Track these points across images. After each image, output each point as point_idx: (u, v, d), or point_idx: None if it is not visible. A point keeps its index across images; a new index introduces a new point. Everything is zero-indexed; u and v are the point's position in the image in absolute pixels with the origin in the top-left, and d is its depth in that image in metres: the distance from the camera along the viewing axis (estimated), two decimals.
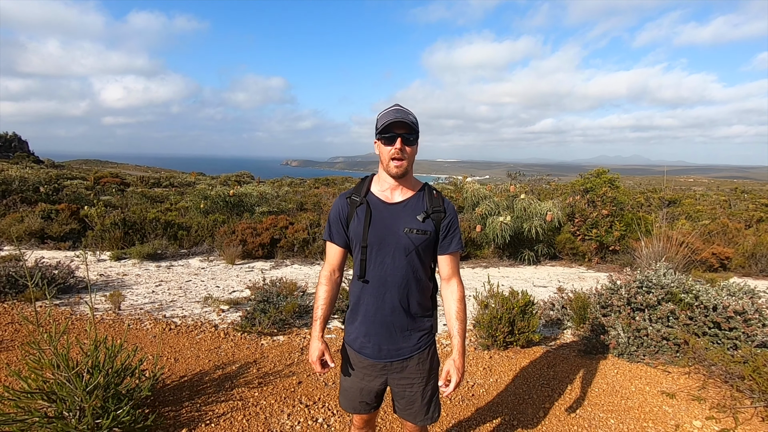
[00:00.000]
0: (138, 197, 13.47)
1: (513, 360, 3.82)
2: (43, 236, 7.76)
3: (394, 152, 1.61)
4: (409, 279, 1.68)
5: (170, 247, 7.65)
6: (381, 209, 1.69)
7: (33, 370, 2.34)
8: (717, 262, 7.95)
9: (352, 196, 1.73)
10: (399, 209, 1.69)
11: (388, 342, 1.73)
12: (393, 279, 1.67)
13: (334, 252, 1.78)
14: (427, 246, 1.69)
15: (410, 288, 1.70)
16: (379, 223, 1.67)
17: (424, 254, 1.70)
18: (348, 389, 1.85)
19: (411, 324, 1.74)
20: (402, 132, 1.60)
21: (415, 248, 1.66)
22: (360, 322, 1.76)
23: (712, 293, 3.93)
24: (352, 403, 1.85)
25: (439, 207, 1.70)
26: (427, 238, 1.67)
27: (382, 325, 1.72)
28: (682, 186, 38.77)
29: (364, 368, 1.79)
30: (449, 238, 1.72)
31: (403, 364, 1.76)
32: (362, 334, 1.76)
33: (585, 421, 2.93)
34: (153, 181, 22.55)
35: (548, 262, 8.51)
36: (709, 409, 3.06)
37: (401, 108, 1.65)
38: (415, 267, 1.68)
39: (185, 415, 2.76)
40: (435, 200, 1.71)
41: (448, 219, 1.71)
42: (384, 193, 1.72)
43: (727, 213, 14.33)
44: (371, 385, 1.80)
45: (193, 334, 4.09)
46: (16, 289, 4.69)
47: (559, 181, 16.51)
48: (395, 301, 1.69)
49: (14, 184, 11.35)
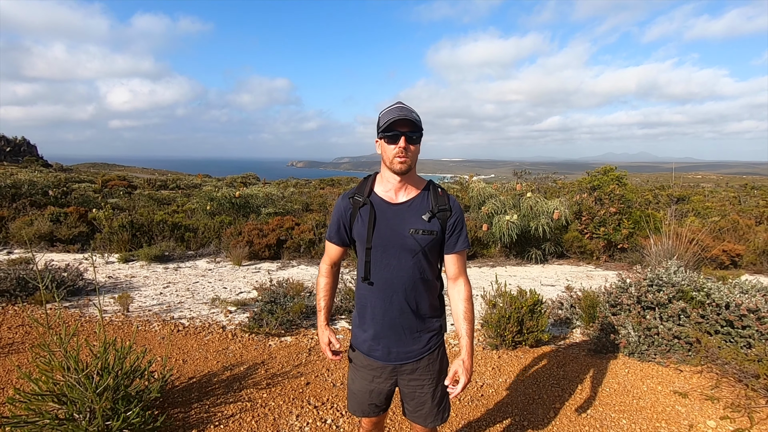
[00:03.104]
0: (145, 200, 13.56)
1: (522, 360, 3.79)
2: (53, 239, 7.83)
3: (398, 151, 1.56)
4: (416, 280, 1.66)
5: (177, 248, 7.69)
6: (385, 210, 1.66)
7: (43, 372, 2.35)
8: (728, 260, 7.85)
9: (355, 196, 1.70)
10: (404, 210, 1.65)
11: (398, 344, 1.71)
12: (400, 281, 1.65)
13: (334, 250, 1.82)
14: (433, 246, 1.66)
15: (418, 289, 1.67)
16: (384, 224, 1.64)
17: (431, 254, 1.67)
18: (357, 392, 1.82)
19: (420, 325, 1.72)
20: (405, 130, 1.56)
21: (421, 249, 1.63)
22: (368, 325, 1.73)
23: (724, 291, 3.87)
24: (361, 406, 1.83)
25: (445, 205, 1.66)
26: (433, 238, 1.64)
27: (391, 328, 1.69)
28: (691, 183, 38.36)
29: (374, 371, 1.76)
30: (455, 236, 1.69)
31: (414, 366, 1.74)
32: (371, 337, 1.74)
33: (596, 421, 2.90)
34: (160, 183, 22.70)
35: (556, 260, 8.44)
36: (723, 409, 3.01)
37: (404, 105, 1.61)
38: (422, 268, 1.66)
39: (194, 416, 2.76)
40: (440, 198, 1.67)
41: (454, 217, 1.67)
42: (388, 194, 1.68)
43: (737, 209, 14.14)
44: (381, 387, 1.78)
45: (201, 335, 4.10)
46: (27, 292, 4.73)
47: (565, 179, 16.40)
48: (403, 303, 1.66)
49: (24, 188, 11.47)
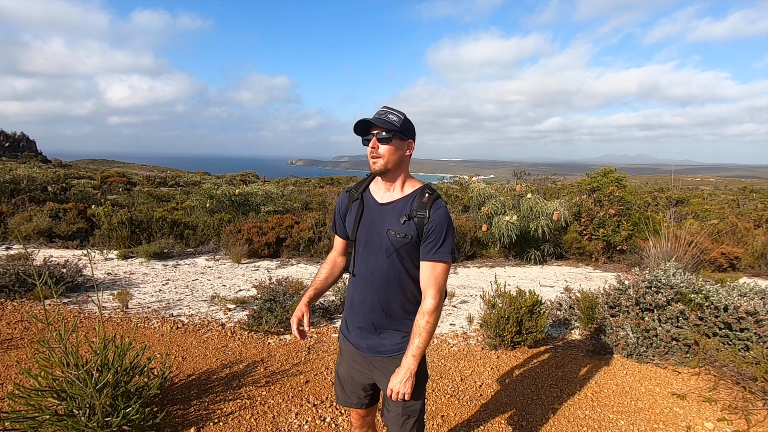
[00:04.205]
0: (144, 196, 13.53)
1: (521, 360, 3.80)
2: (52, 235, 7.82)
3: (370, 151, 1.66)
4: (390, 280, 1.68)
5: (177, 245, 7.68)
6: (372, 208, 1.73)
7: (43, 368, 2.35)
8: (726, 262, 7.87)
9: (352, 191, 1.81)
10: (387, 210, 1.70)
11: (367, 337, 1.76)
12: (375, 277, 1.70)
13: (338, 241, 1.92)
14: (409, 250, 1.65)
15: (392, 289, 1.69)
16: (368, 221, 1.71)
17: (407, 258, 1.67)
18: (341, 375, 1.91)
19: (390, 324, 1.73)
20: (375, 131, 1.63)
21: (395, 250, 1.65)
22: (347, 312, 1.85)
23: (723, 293, 3.88)
24: (344, 393, 1.91)
25: (423, 212, 1.63)
26: (407, 241, 1.64)
27: (363, 320, 1.76)
28: (690, 185, 38.43)
29: (351, 355, 1.84)
30: (429, 245, 1.63)
31: (385, 363, 1.74)
32: (347, 323, 1.85)
33: (594, 422, 2.91)
34: (159, 180, 22.66)
35: (555, 261, 8.46)
36: (720, 411, 3.02)
37: (384, 109, 1.66)
38: (398, 269, 1.67)
39: (194, 413, 2.76)
40: (422, 204, 1.65)
41: (431, 224, 1.62)
42: (378, 193, 1.75)
43: (735, 212, 14.18)
44: (359, 377, 1.84)
45: (201, 332, 4.10)
46: (25, 288, 4.72)
47: (565, 180, 16.42)
48: (375, 299, 1.71)
49: (23, 184, 11.45)
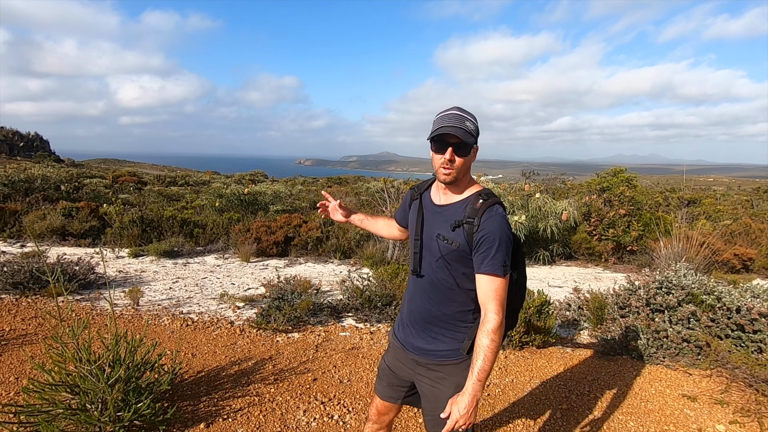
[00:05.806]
0: (155, 195, 13.69)
1: (529, 360, 3.78)
2: (65, 233, 7.94)
3: (443, 162, 1.53)
4: (437, 285, 1.63)
5: (186, 244, 7.76)
6: (429, 209, 1.70)
7: (56, 363, 2.39)
8: (739, 263, 7.74)
9: (414, 190, 1.81)
10: (441, 213, 1.64)
11: (413, 337, 1.74)
12: (425, 280, 1.67)
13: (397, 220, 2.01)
14: (457, 257, 1.57)
15: (440, 294, 1.63)
16: (425, 222, 1.70)
17: (455, 265, 1.59)
18: (384, 366, 1.90)
19: (436, 329, 1.67)
20: (453, 141, 1.51)
21: (442, 256, 1.59)
22: (401, 309, 1.85)
23: (735, 295, 3.83)
24: (381, 382, 1.90)
25: (473, 219, 1.52)
26: (455, 249, 1.55)
27: (411, 320, 1.75)
28: (702, 186, 37.88)
29: (396, 352, 1.84)
30: (480, 256, 1.51)
31: (430, 366, 1.69)
32: (399, 319, 1.85)
33: (604, 423, 2.88)
34: (169, 179, 22.90)
35: (563, 261, 8.40)
36: (732, 413, 2.98)
37: (458, 114, 1.53)
38: (446, 275, 1.60)
39: (203, 409, 2.80)
40: (474, 210, 1.54)
41: (480, 234, 1.50)
42: (436, 195, 1.70)
43: (749, 213, 13.94)
44: (401, 372, 1.82)
45: (210, 330, 4.15)
46: (39, 285, 4.81)
47: (574, 180, 16.29)
48: (423, 301, 1.68)
49: (37, 183, 11.65)
